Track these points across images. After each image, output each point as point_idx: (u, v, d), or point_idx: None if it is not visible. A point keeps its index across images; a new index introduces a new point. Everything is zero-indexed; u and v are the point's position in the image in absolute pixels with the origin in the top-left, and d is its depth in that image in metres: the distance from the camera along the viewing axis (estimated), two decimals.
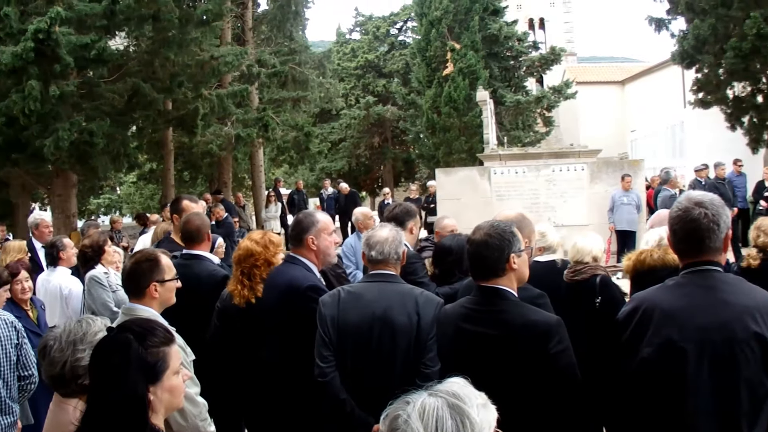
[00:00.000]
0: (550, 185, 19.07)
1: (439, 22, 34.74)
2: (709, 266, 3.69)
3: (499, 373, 3.97)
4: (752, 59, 13.51)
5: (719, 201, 3.74)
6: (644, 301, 3.74)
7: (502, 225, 4.22)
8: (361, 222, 10.11)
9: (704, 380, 3.50)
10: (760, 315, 3.55)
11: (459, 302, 4.40)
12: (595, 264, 6.81)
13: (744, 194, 21.39)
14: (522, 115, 37.74)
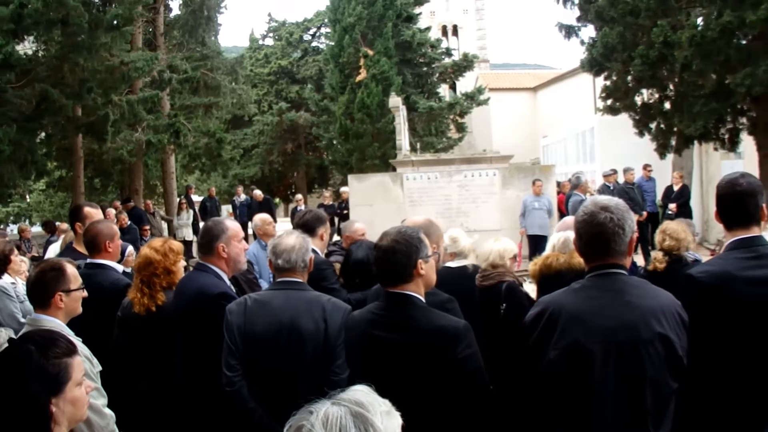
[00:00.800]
0: (463, 191, 19.20)
1: (352, 28, 34.81)
2: (614, 269, 3.74)
3: (407, 379, 3.97)
4: (659, 67, 13.76)
5: (624, 206, 3.80)
6: (550, 305, 3.77)
7: (410, 231, 4.21)
8: (260, 228, 9.92)
9: (610, 381, 3.55)
10: (663, 316, 3.64)
11: (367, 308, 4.39)
12: (504, 270, 6.83)
13: (653, 198, 21.81)
14: (435, 121, 37.99)
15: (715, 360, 4.12)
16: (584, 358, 3.56)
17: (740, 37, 13.11)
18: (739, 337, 4.11)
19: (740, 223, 4.37)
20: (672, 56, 13.13)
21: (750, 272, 4.19)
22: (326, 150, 43.63)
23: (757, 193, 4.40)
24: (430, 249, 4.27)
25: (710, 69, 13.08)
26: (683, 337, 3.70)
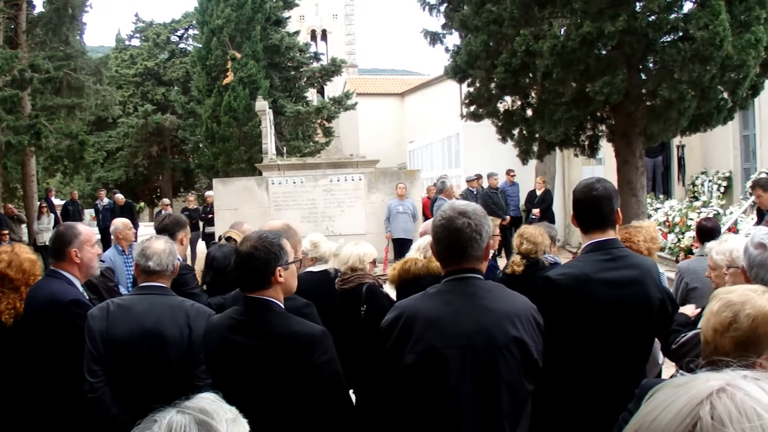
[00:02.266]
0: (328, 195, 19.22)
1: (220, 30, 34.44)
2: (471, 274, 3.76)
3: (265, 384, 3.94)
4: (522, 75, 13.98)
5: (482, 211, 3.84)
6: (406, 309, 3.77)
7: (270, 237, 4.16)
8: (120, 232, 9.71)
9: (467, 385, 3.57)
10: (519, 320, 3.68)
11: (227, 312, 4.33)
12: (363, 273, 6.84)
13: (517, 203, 22.26)
14: (302, 126, 37.94)
15: (572, 359, 4.23)
16: (440, 362, 3.57)
17: (600, 47, 13.40)
18: (595, 337, 4.24)
19: (597, 227, 4.48)
20: (534, 65, 13.35)
21: (605, 274, 4.33)
22: (192, 153, 43.07)
23: (612, 198, 4.53)
24: (291, 255, 4.24)
25: (570, 77, 13.35)
26: (538, 340, 3.75)
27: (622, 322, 4.28)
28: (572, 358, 4.24)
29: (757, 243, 4.19)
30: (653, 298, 4.41)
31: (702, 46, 12.62)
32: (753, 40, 13.11)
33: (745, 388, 1.29)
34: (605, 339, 4.24)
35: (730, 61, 12.96)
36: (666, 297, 4.64)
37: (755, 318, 2.99)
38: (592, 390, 4.21)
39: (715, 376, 1.35)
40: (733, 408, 1.25)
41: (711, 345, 3.07)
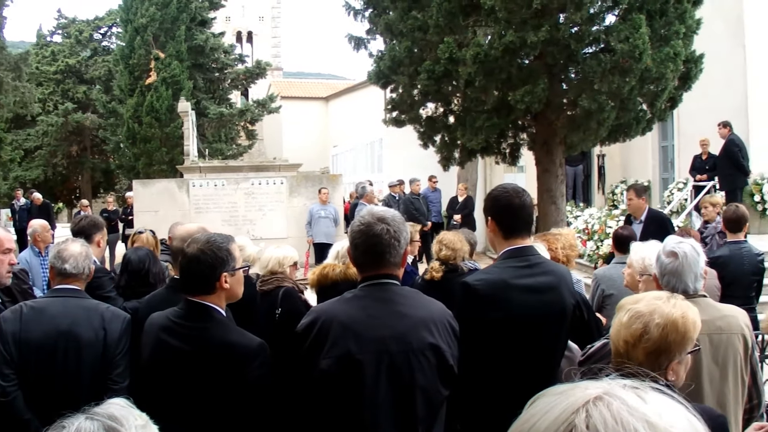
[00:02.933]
0: (250, 198, 19.09)
1: (144, 29, 34.04)
2: (388, 280, 3.78)
3: (195, 392, 3.91)
4: (444, 82, 14.05)
5: (400, 217, 3.86)
6: (323, 313, 3.77)
7: (219, 241, 4.12)
8: (38, 234, 9.55)
9: (382, 390, 3.58)
10: (435, 326, 3.72)
11: (166, 312, 4.23)
12: (283, 276, 6.83)
13: (438, 209, 22.36)
14: (225, 128, 37.69)
15: (488, 364, 4.25)
16: (356, 367, 3.58)
17: (522, 57, 13.55)
18: (510, 342, 4.27)
19: (517, 233, 4.50)
20: (457, 72, 13.43)
21: (522, 280, 4.36)
22: (113, 154, 42.45)
23: (531, 205, 4.61)
24: (238, 261, 4.20)
25: (493, 86, 13.46)
26: (454, 346, 3.79)
27: (537, 328, 4.33)
28: (488, 363, 4.25)
29: (669, 251, 4.29)
30: (567, 304, 4.47)
31: (622, 58, 12.83)
32: (672, 54, 13.37)
33: (622, 397, 1.30)
34: (520, 344, 4.28)
35: (649, 73, 13.20)
36: (581, 303, 4.72)
37: (665, 327, 3.07)
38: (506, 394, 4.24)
39: (595, 384, 1.36)
40: (608, 416, 1.26)
41: (623, 356, 3.13)
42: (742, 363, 4.25)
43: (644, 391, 1.34)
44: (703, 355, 4.06)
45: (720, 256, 8.63)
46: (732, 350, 4.20)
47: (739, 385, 4.25)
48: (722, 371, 4.17)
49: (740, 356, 4.24)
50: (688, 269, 4.23)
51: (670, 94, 14.56)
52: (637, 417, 1.26)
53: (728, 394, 4.19)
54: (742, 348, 4.25)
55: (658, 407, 1.31)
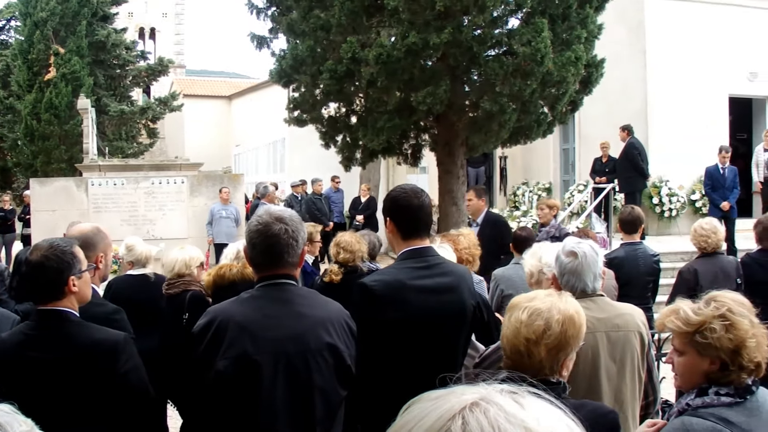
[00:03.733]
0: (150, 198, 18.81)
1: (44, 23, 33.26)
2: (285, 280, 3.76)
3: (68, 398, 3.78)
4: (347, 82, 14.00)
5: (297, 217, 3.84)
6: (219, 314, 3.69)
7: (62, 245, 3.97)
8: None
9: (280, 391, 3.55)
10: (332, 326, 3.72)
11: (18, 328, 4.09)
12: (190, 279, 6.72)
13: (341, 209, 22.44)
14: (126, 126, 37.10)
15: (386, 365, 4.26)
16: (252, 368, 3.53)
17: (425, 58, 13.56)
18: (409, 343, 4.29)
19: (417, 234, 4.51)
20: (359, 72, 13.40)
21: (420, 281, 4.38)
22: (10, 151, 41.31)
23: (430, 206, 4.63)
24: (84, 263, 4.07)
25: (395, 87, 13.46)
26: (351, 346, 3.79)
27: (435, 328, 4.35)
28: (388, 364, 4.27)
29: (569, 251, 4.34)
30: (467, 305, 4.49)
31: (524, 61, 12.95)
32: (573, 58, 13.54)
33: (499, 403, 1.27)
34: (419, 345, 4.29)
35: (550, 76, 13.35)
36: (481, 304, 4.74)
37: (564, 322, 3.10)
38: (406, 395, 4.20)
39: (471, 389, 1.33)
40: (485, 423, 1.23)
41: (524, 354, 3.13)
42: (638, 360, 4.32)
43: (522, 396, 1.32)
44: (601, 352, 4.13)
45: (616, 257, 8.79)
46: (629, 347, 4.27)
47: (636, 381, 4.32)
48: (620, 368, 4.23)
49: (637, 353, 4.31)
50: (587, 269, 4.27)
51: (571, 98, 14.76)
52: (514, 423, 1.24)
53: (625, 390, 4.25)
54: (638, 345, 4.32)
55: (536, 412, 1.28)
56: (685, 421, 2.96)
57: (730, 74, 19.77)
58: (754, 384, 3.04)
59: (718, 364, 3.03)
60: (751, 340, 2.99)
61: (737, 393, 2.99)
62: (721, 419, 2.91)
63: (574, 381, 3.56)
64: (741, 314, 3.03)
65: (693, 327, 3.08)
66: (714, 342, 3.02)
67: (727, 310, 3.04)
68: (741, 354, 2.98)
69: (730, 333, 2.99)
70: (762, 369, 3.04)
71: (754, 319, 3.08)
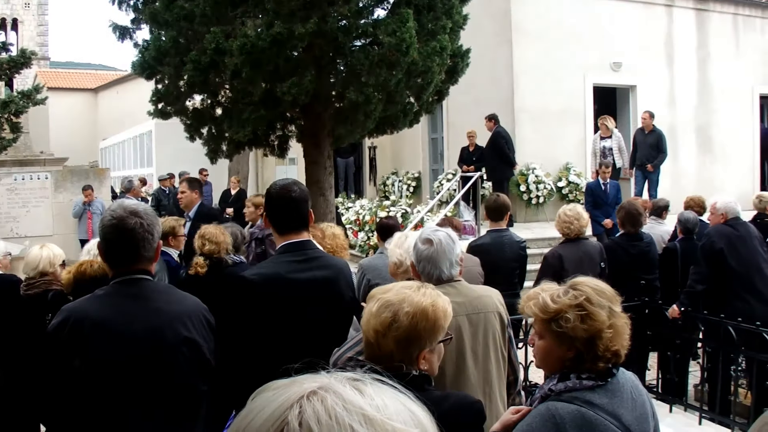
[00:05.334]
0: (13, 195, 18.37)
1: None
2: (141, 275, 3.70)
3: None
4: (211, 73, 13.79)
5: (152, 211, 3.79)
6: (74, 312, 3.60)
7: None
8: None
9: (139, 388, 3.50)
10: (190, 321, 3.70)
11: None
12: (53, 278, 6.54)
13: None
14: None
15: (265, 358, 4.21)
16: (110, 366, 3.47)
17: (290, 49, 13.45)
18: (288, 336, 4.31)
19: (293, 228, 4.56)
20: (224, 63, 13.22)
21: (299, 274, 4.43)
22: None
23: (308, 200, 4.65)
24: None
25: (260, 78, 13.32)
26: (210, 340, 3.78)
27: (314, 321, 4.38)
28: (264, 355, 4.24)
29: (425, 239, 4.37)
30: (345, 297, 4.59)
31: (389, 52, 12.95)
32: (438, 48, 13.63)
33: (338, 391, 1.26)
34: (297, 336, 4.30)
35: (415, 66, 13.40)
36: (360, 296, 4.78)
37: (414, 315, 3.08)
38: None
39: (314, 378, 1.31)
40: (322, 411, 1.21)
41: (374, 346, 3.13)
42: (500, 339, 4.38)
43: (364, 384, 1.30)
44: (464, 336, 4.16)
45: (482, 244, 8.94)
46: (490, 327, 4.32)
47: (501, 360, 4.38)
48: (484, 349, 4.28)
49: (498, 333, 4.36)
50: (443, 256, 4.30)
51: (437, 88, 14.84)
52: (352, 411, 1.22)
53: (492, 370, 4.30)
54: (499, 325, 4.38)
55: (376, 400, 1.27)
56: (549, 406, 2.96)
57: (594, 64, 20.30)
58: (614, 367, 3.08)
59: (574, 352, 3.05)
60: (608, 330, 3.02)
61: (598, 376, 3.03)
62: (585, 402, 2.94)
63: (442, 367, 3.59)
64: (599, 304, 3.05)
65: (549, 315, 3.10)
66: (569, 331, 3.04)
67: (585, 299, 3.06)
68: (596, 344, 3.00)
69: (586, 323, 3.00)
70: (621, 357, 3.07)
71: (615, 308, 3.10)
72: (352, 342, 3.97)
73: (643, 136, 17.17)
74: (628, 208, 9.62)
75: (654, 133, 17.13)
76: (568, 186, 19.15)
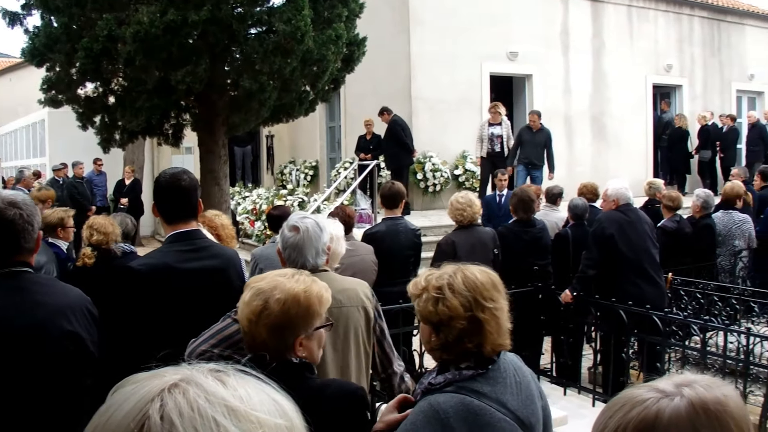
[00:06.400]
0: None
1: None
2: (22, 267, 3.61)
3: None
4: (103, 60, 13.53)
5: (31, 201, 3.70)
6: None
7: None
8: None
9: (22, 383, 3.44)
10: (73, 314, 3.63)
11: None
12: None
13: (104, 192, 22.15)
14: None
15: (151, 346, 4.10)
16: None
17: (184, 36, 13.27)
18: (176, 326, 4.22)
19: (182, 218, 4.52)
20: (116, 51, 12.98)
21: (188, 264, 4.39)
22: None
23: (197, 189, 4.61)
24: None
25: (154, 65, 13.10)
26: (93, 332, 3.71)
27: (203, 311, 4.26)
28: (153, 348, 4.12)
29: (292, 225, 4.33)
30: (235, 287, 4.42)
31: (284, 40, 12.88)
32: (334, 36, 13.62)
33: (201, 383, 1.23)
34: (186, 327, 4.19)
35: (310, 55, 13.35)
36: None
37: (285, 302, 3.08)
38: None
39: (176, 370, 1.29)
40: (183, 403, 1.18)
41: (249, 335, 3.13)
42: (363, 334, 4.37)
43: (226, 375, 1.28)
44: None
45: (377, 232, 8.99)
46: (352, 322, 4.30)
47: (362, 355, 4.36)
48: (344, 343, 4.26)
49: (362, 328, 4.35)
50: (309, 244, 4.27)
51: (333, 76, 14.84)
52: (215, 403, 1.20)
53: (351, 364, 4.28)
54: (363, 320, 4.37)
55: (239, 391, 1.25)
56: (431, 401, 2.90)
57: (491, 53, 20.54)
58: (494, 353, 3.04)
59: (438, 338, 3.02)
60: (462, 321, 2.95)
61: (478, 365, 2.99)
62: (468, 392, 2.90)
63: None
64: (460, 292, 2.98)
65: (415, 294, 3.09)
66: (422, 312, 3.03)
67: (448, 284, 3.00)
68: (445, 331, 2.97)
69: (437, 307, 2.97)
70: (483, 354, 2.99)
71: (486, 304, 3.00)
72: (207, 335, 3.93)
73: (531, 134, 17.04)
74: (521, 195, 9.75)
75: (542, 132, 17.10)
76: (465, 174, 19.33)
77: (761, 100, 27.45)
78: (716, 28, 25.98)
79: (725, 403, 1.46)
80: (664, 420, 1.42)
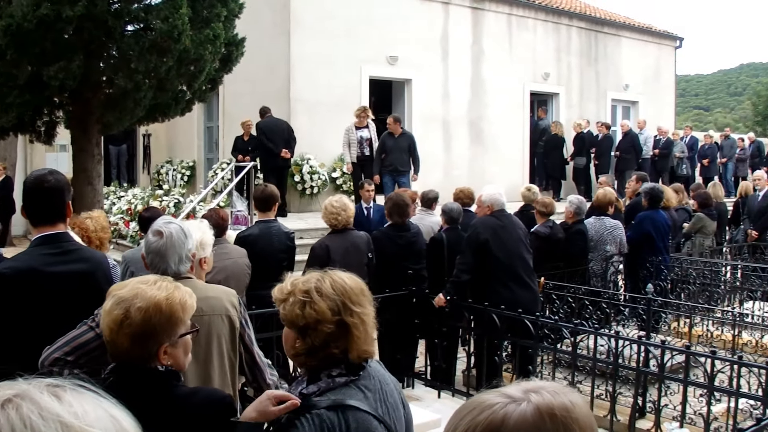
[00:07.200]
0: None
1: None
2: None
3: None
4: None
5: None
6: None
7: None
8: None
9: None
10: None
11: None
12: None
13: None
14: None
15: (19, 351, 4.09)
16: None
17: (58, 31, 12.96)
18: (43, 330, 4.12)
19: (47, 220, 4.44)
20: None
21: (54, 267, 4.30)
22: None
23: (64, 190, 4.50)
24: None
25: (26, 60, 12.78)
26: None
27: (70, 316, 4.15)
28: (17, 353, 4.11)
29: (156, 230, 4.30)
30: (103, 291, 4.26)
31: (161, 38, 12.71)
32: (212, 36, 13.50)
33: (35, 398, 1.21)
34: (52, 332, 4.09)
35: (187, 54, 13.20)
36: None
37: (146, 310, 3.04)
38: None
39: (9, 385, 1.26)
40: (17, 420, 1.17)
41: (112, 344, 3.08)
42: (227, 344, 4.35)
43: (63, 390, 1.26)
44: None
45: (249, 235, 8.98)
46: (215, 331, 4.28)
47: (226, 365, 4.34)
48: (206, 352, 4.23)
49: (225, 337, 4.33)
50: (172, 250, 4.23)
51: (210, 76, 14.69)
52: (48, 419, 1.18)
53: (213, 374, 4.25)
54: (227, 329, 4.34)
55: (75, 407, 1.23)
56: (314, 417, 2.78)
57: (371, 57, 20.63)
58: (361, 360, 3.02)
59: (303, 343, 2.96)
60: (329, 326, 2.92)
61: (349, 371, 2.96)
62: (346, 405, 2.83)
63: None
64: (329, 296, 2.96)
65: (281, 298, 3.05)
66: (288, 315, 2.98)
67: (316, 288, 2.98)
68: (312, 336, 2.94)
69: (304, 310, 2.93)
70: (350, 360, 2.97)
71: (355, 309, 2.98)
72: (62, 342, 3.86)
73: (394, 140, 16.55)
74: (396, 200, 9.81)
75: (405, 136, 16.77)
76: (342, 177, 19.35)
77: (635, 109, 28.27)
78: (593, 39, 26.67)
79: (571, 409, 1.50)
80: (510, 424, 1.45)
